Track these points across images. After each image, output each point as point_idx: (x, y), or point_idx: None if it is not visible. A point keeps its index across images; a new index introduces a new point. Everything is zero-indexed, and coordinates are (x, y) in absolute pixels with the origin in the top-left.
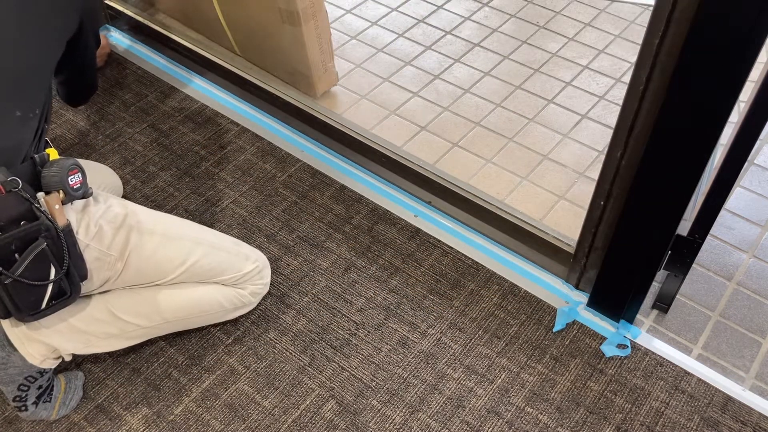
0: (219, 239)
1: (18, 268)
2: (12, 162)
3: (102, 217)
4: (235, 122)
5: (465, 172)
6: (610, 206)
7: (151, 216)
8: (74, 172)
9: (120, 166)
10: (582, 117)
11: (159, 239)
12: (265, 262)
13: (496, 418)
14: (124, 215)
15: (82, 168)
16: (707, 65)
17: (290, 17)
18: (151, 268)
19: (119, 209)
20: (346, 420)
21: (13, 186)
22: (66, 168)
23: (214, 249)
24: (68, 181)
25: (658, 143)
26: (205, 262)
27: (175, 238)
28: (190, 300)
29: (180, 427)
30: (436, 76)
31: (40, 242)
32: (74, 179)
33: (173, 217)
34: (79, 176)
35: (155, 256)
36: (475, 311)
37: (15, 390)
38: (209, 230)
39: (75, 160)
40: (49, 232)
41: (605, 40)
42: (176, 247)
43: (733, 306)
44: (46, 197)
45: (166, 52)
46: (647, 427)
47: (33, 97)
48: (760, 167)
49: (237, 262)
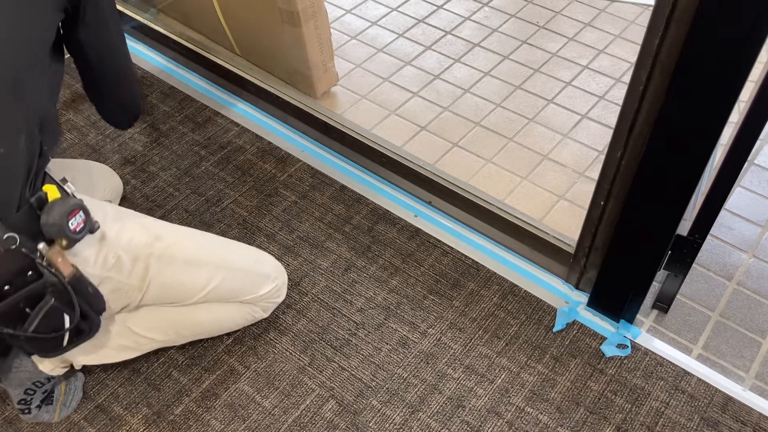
0: (241, 259)
1: (30, 324)
2: (6, 212)
3: (122, 246)
4: (235, 122)
5: (465, 172)
6: (610, 206)
7: (173, 238)
8: (74, 215)
9: (120, 166)
10: (582, 117)
11: (180, 266)
12: (283, 280)
13: (496, 418)
14: (145, 243)
15: (83, 206)
16: (707, 65)
17: (290, 17)
18: (171, 294)
19: (140, 236)
20: (346, 420)
21: (10, 244)
22: (65, 214)
23: (235, 271)
24: (68, 227)
25: (658, 143)
26: (225, 286)
27: (196, 264)
28: (207, 318)
29: (180, 427)
30: (436, 76)
31: (48, 299)
32: (75, 222)
33: (196, 235)
34: (80, 216)
35: (176, 283)
36: (475, 311)
37: (21, 393)
38: (231, 247)
39: (75, 202)
40: (55, 287)
41: (605, 40)
42: (197, 274)
43: (733, 306)
44: (48, 252)
45: (166, 52)
46: (647, 427)
47: (14, 128)
48: (760, 167)
49: (257, 284)
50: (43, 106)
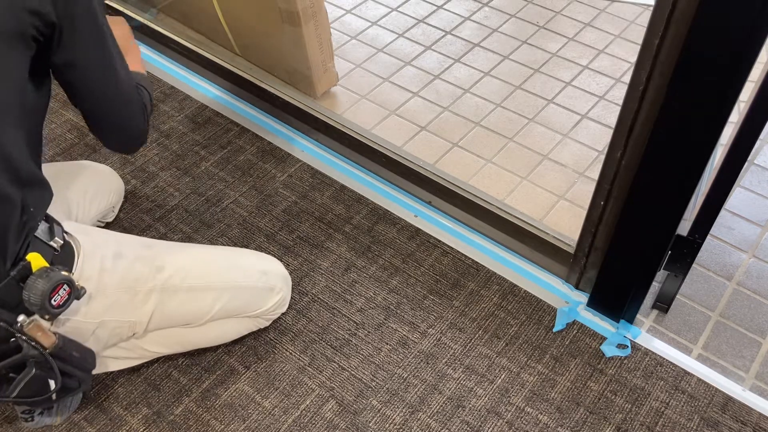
0: (246, 275)
1: (14, 390)
2: None
3: (120, 284)
4: (235, 122)
5: (465, 172)
6: (610, 206)
7: (174, 267)
8: (58, 290)
9: (120, 166)
10: (582, 117)
11: (184, 296)
12: (288, 290)
13: (496, 418)
14: (146, 277)
15: (68, 280)
16: (707, 65)
17: (290, 17)
18: (178, 321)
19: (140, 270)
20: (346, 420)
21: None
22: (47, 291)
23: (241, 290)
24: (51, 304)
25: (658, 143)
26: (231, 305)
27: (201, 290)
28: (213, 334)
29: (180, 427)
30: (436, 76)
31: (29, 370)
32: (58, 297)
33: (199, 257)
34: (64, 290)
35: (181, 311)
36: (475, 311)
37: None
38: (236, 262)
39: (59, 276)
40: (36, 358)
41: (605, 40)
42: (203, 300)
43: (733, 306)
44: (28, 327)
45: (166, 52)
46: (647, 427)
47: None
48: (760, 167)
49: (263, 298)
50: (22, 163)
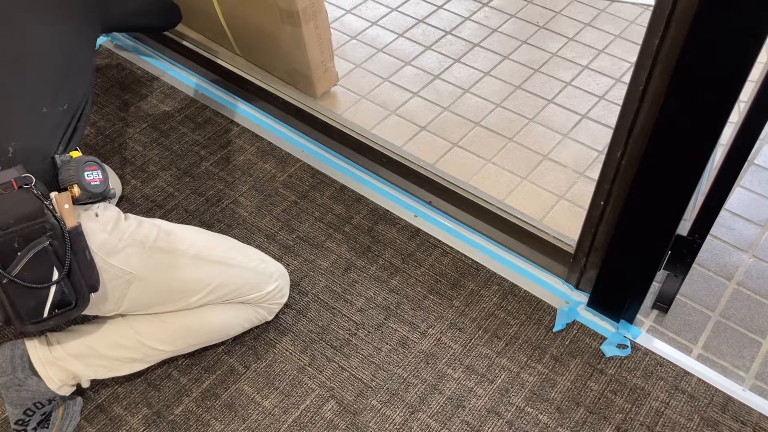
0: (247, 258)
1: (15, 267)
2: (30, 161)
3: (131, 235)
4: (235, 122)
5: (465, 172)
6: (610, 206)
7: (182, 233)
8: (92, 168)
9: (120, 166)
10: (582, 117)
11: (188, 261)
12: (286, 281)
13: (496, 418)
14: (155, 236)
15: (102, 166)
16: (707, 65)
17: (290, 17)
18: (176, 289)
19: (150, 229)
20: (346, 420)
21: (25, 182)
22: (83, 162)
23: (240, 270)
24: (84, 176)
25: (658, 143)
26: (231, 284)
27: (204, 261)
28: (215, 326)
29: (180, 427)
30: (436, 76)
31: (42, 240)
32: (91, 175)
33: (206, 235)
34: (98, 174)
35: (182, 277)
36: (475, 311)
37: (20, 413)
38: (237, 247)
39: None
40: (54, 231)
41: (605, 40)
42: (204, 270)
43: (733, 306)
44: (57, 195)
45: (166, 52)
46: (647, 427)
47: (65, 90)
48: (760, 167)
49: (261, 282)
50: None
